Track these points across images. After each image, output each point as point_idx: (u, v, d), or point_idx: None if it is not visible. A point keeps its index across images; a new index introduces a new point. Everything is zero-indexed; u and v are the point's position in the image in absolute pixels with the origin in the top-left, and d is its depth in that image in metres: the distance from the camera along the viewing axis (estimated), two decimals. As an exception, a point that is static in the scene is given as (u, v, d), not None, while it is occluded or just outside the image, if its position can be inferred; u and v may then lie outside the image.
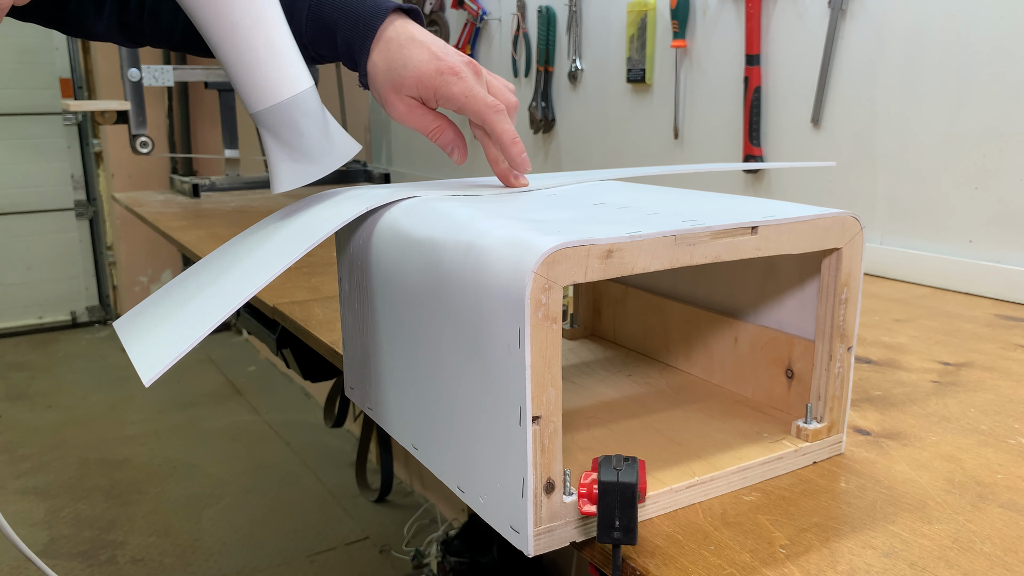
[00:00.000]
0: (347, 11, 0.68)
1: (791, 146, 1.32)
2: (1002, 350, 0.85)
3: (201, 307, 0.57)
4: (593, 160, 1.75)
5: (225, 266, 0.62)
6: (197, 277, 0.64)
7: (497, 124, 0.66)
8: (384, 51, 0.66)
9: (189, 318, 0.56)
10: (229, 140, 2.28)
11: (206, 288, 0.60)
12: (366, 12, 0.67)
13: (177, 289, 0.65)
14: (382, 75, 0.67)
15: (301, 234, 0.59)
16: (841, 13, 1.21)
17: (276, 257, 0.57)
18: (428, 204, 0.59)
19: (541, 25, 1.78)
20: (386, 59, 0.66)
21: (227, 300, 0.54)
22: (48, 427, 3.11)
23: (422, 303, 0.55)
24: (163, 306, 0.62)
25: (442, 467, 0.57)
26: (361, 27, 0.67)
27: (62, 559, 2.25)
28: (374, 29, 0.66)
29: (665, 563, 0.47)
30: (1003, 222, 1.06)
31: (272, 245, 0.61)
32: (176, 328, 0.55)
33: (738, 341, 0.68)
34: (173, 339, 0.54)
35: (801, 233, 0.55)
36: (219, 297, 0.56)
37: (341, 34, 0.68)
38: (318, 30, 0.69)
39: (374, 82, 0.68)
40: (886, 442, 0.63)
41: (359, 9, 0.67)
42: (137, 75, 2.06)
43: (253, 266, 0.59)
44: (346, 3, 0.68)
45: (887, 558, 0.47)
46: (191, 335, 0.52)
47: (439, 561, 1.89)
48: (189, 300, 0.60)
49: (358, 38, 0.67)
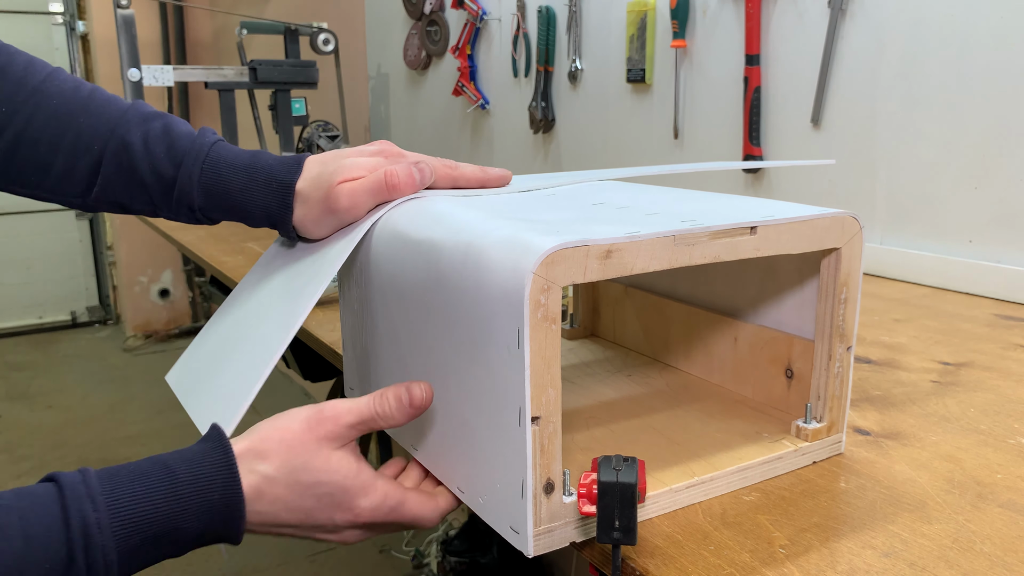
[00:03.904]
0: (254, 174, 0.63)
1: (791, 146, 1.32)
2: (1002, 350, 0.85)
3: (247, 358, 0.60)
4: (593, 160, 1.75)
5: (259, 307, 0.64)
6: (234, 319, 0.66)
7: (460, 178, 0.65)
8: (308, 201, 0.62)
9: (239, 371, 0.59)
10: (229, 140, 2.27)
11: (248, 335, 0.62)
12: (277, 171, 0.63)
13: (217, 336, 0.67)
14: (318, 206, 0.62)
15: (322, 263, 0.61)
16: (841, 13, 1.21)
17: (304, 294, 0.59)
18: (427, 205, 0.59)
19: (541, 25, 1.78)
20: (317, 202, 0.62)
21: (270, 349, 0.58)
22: (48, 427, 3.11)
23: (421, 304, 0.55)
24: (209, 358, 0.65)
25: (442, 468, 0.57)
26: (276, 187, 0.62)
27: (62, 559, 2.24)
28: (292, 185, 0.62)
29: (665, 563, 0.47)
30: (1003, 222, 1.06)
31: (298, 281, 0.62)
32: (229, 384, 0.59)
33: (738, 341, 0.68)
34: (230, 396, 0.57)
35: (800, 233, 0.55)
36: (262, 345, 0.59)
37: (254, 200, 0.63)
38: (211, 196, 0.64)
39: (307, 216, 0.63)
40: (886, 442, 0.63)
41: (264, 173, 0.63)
42: (137, 75, 2.06)
43: (285, 308, 0.61)
44: (245, 165, 0.64)
45: (887, 558, 0.47)
46: (246, 391, 0.56)
47: (439, 561, 1.89)
48: (234, 350, 0.62)
49: (276, 202, 0.63)
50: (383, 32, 2.49)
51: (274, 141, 2.36)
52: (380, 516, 0.53)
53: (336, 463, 0.51)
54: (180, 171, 0.63)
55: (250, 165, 0.63)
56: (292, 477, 0.50)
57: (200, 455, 0.48)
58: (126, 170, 0.64)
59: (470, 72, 2.08)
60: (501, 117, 2.03)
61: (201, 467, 0.48)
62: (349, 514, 0.52)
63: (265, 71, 2.25)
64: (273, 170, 0.63)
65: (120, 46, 2.02)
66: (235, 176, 0.63)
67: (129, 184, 0.65)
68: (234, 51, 3.12)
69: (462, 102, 2.14)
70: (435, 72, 2.27)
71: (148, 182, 0.64)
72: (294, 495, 0.50)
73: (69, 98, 0.65)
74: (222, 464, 0.48)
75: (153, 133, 0.64)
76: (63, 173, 0.65)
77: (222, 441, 0.49)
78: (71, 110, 0.64)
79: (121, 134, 0.64)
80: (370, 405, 0.53)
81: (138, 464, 0.47)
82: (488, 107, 2.06)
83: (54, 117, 0.64)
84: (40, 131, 0.64)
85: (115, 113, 0.65)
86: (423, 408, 0.53)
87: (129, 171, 0.64)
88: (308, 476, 0.50)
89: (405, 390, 0.53)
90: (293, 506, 0.50)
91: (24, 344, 4.24)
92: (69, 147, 0.64)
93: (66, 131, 0.64)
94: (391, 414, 0.53)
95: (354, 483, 0.52)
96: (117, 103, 0.66)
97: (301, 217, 0.63)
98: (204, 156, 0.64)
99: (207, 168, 0.63)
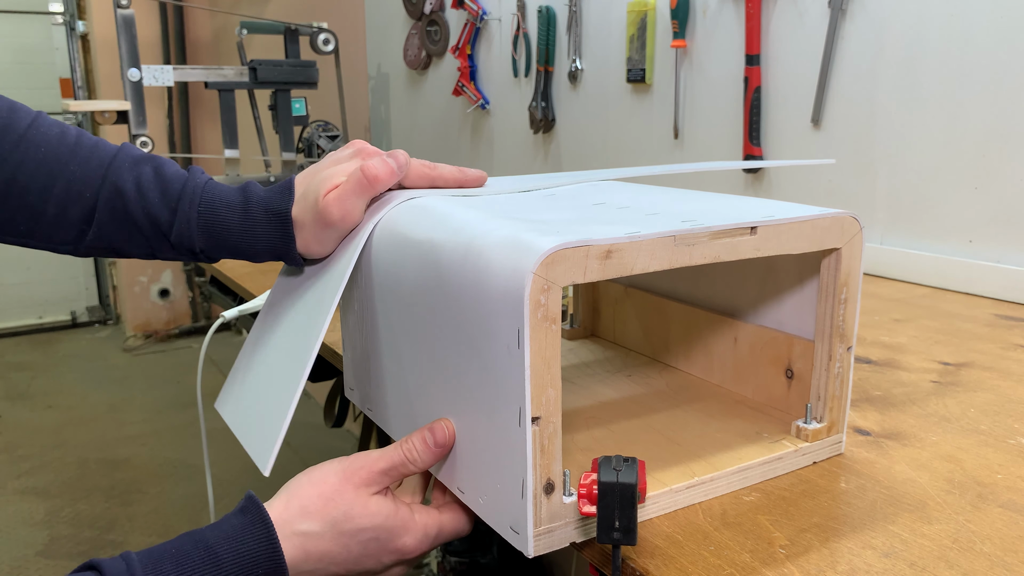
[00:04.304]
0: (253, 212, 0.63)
1: (791, 146, 1.32)
2: (1002, 350, 0.85)
3: (276, 387, 0.61)
4: (593, 160, 1.75)
5: (282, 332, 0.65)
6: (262, 345, 0.68)
7: (439, 178, 0.65)
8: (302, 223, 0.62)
9: (271, 400, 0.61)
10: (229, 140, 2.28)
11: (274, 362, 0.64)
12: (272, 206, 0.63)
13: (249, 363, 0.69)
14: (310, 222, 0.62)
15: (328, 283, 0.62)
16: (841, 13, 1.21)
17: (317, 318, 0.60)
18: (428, 205, 0.59)
19: (541, 25, 1.78)
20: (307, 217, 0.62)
21: (295, 378, 0.59)
22: (48, 427, 3.11)
23: (422, 304, 0.55)
24: (246, 386, 0.67)
25: (442, 468, 0.57)
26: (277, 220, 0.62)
27: (62, 559, 2.25)
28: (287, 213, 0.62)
29: (665, 563, 0.47)
30: (1003, 222, 1.06)
31: (311, 304, 0.63)
32: (264, 414, 0.61)
33: (738, 341, 0.68)
34: (267, 427, 0.60)
35: (800, 233, 0.55)
36: (287, 374, 0.60)
37: (256, 237, 0.63)
38: (212, 238, 0.64)
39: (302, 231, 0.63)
40: (886, 442, 0.63)
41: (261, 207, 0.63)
42: (137, 75, 2.06)
43: (302, 334, 0.62)
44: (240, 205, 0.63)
45: (887, 558, 0.47)
46: (279, 423, 0.58)
47: (439, 561, 1.89)
48: (264, 378, 0.64)
49: (278, 235, 0.63)
50: (383, 32, 2.49)
51: (274, 141, 2.36)
52: (425, 547, 0.54)
53: (375, 507, 0.52)
54: (177, 216, 0.63)
55: (245, 202, 0.63)
56: (335, 529, 0.51)
57: (240, 531, 0.49)
58: (120, 216, 0.64)
59: (470, 72, 2.08)
60: (501, 117, 2.03)
61: (243, 544, 0.48)
62: (396, 554, 0.53)
63: (265, 71, 2.25)
64: (268, 202, 0.63)
65: (120, 46, 2.02)
66: (232, 216, 0.63)
67: (124, 230, 0.64)
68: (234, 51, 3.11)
69: (462, 102, 2.14)
70: (435, 72, 2.27)
71: (143, 227, 0.64)
72: (339, 547, 0.51)
73: (56, 145, 0.64)
74: (263, 538, 0.49)
75: (145, 177, 0.64)
76: (54, 221, 0.64)
77: (260, 513, 0.50)
78: (60, 157, 0.64)
79: (113, 180, 0.63)
80: (398, 450, 0.54)
81: (179, 545, 0.48)
82: (488, 107, 2.06)
83: (43, 165, 0.63)
84: (30, 180, 0.63)
85: (104, 158, 0.64)
86: (448, 446, 0.54)
87: (123, 217, 0.64)
88: (350, 524, 0.51)
89: (428, 431, 0.54)
90: (339, 559, 0.51)
91: (24, 344, 4.24)
92: (60, 195, 0.63)
93: (56, 179, 0.63)
94: (418, 457, 0.54)
95: (395, 523, 0.53)
96: (105, 148, 0.65)
97: (303, 242, 0.63)
98: (199, 199, 0.63)
99: (204, 211, 0.63)
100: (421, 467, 0.54)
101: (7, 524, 2.43)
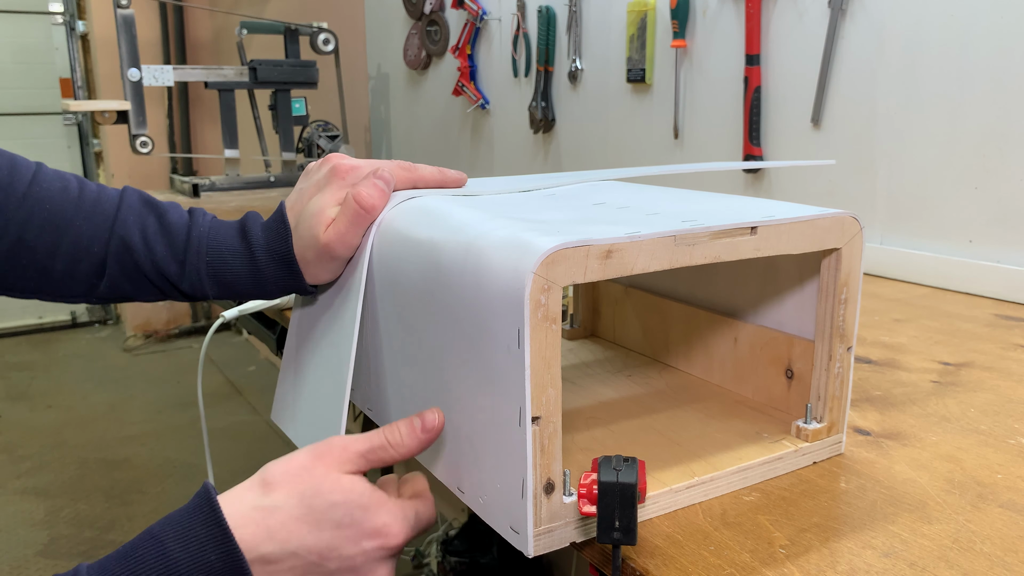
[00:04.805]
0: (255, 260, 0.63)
1: (791, 146, 1.32)
2: (1002, 350, 0.85)
3: (328, 393, 0.63)
4: (593, 160, 1.75)
5: (316, 342, 0.67)
6: (301, 354, 0.70)
7: (419, 179, 0.65)
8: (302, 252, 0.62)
9: (327, 404, 0.63)
10: (229, 140, 2.28)
11: (316, 368, 0.66)
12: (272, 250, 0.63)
13: (293, 372, 0.71)
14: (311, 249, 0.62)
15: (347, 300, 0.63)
16: (841, 13, 1.21)
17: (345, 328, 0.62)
18: (428, 205, 0.59)
19: (541, 25, 1.78)
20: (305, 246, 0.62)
21: (341, 380, 0.61)
22: (48, 427, 3.11)
23: (422, 304, 0.55)
24: (301, 393, 0.69)
25: (442, 467, 0.56)
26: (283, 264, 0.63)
27: (62, 559, 2.25)
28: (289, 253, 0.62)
29: (665, 563, 0.47)
30: (1003, 222, 1.06)
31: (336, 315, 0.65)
32: (322, 418, 0.64)
33: (738, 341, 0.68)
34: (324, 433, 0.62)
35: (800, 233, 0.55)
36: (334, 379, 0.63)
37: (266, 279, 0.64)
38: (222, 287, 0.65)
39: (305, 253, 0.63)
40: (886, 442, 0.63)
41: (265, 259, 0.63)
42: (137, 75, 2.06)
43: (335, 347, 0.64)
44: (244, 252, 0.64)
45: (887, 558, 0.47)
46: (335, 421, 0.60)
47: (439, 561, 1.89)
48: (319, 384, 0.66)
49: (285, 274, 0.63)
50: (383, 32, 2.49)
51: (274, 141, 2.36)
52: (406, 531, 0.49)
53: (348, 483, 0.48)
54: (186, 268, 0.64)
55: (248, 247, 0.63)
56: (303, 504, 0.46)
57: (187, 515, 0.45)
58: (130, 269, 0.64)
59: (470, 72, 2.08)
60: (501, 117, 2.03)
61: (190, 529, 0.44)
62: (377, 537, 0.48)
63: (265, 71, 2.25)
64: (269, 244, 0.63)
65: (120, 46, 2.02)
66: (240, 264, 0.63)
67: (135, 281, 0.65)
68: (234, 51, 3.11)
69: (462, 102, 2.14)
70: (435, 72, 2.27)
71: (154, 279, 0.64)
72: (308, 526, 0.46)
73: (60, 200, 0.64)
74: (211, 521, 0.44)
75: (151, 229, 0.64)
76: (64, 276, 0.65)
77: (208, 496, 0.46)
78: (65, 213, 0.63)
79: (120, 234, 0.64)
80: (380, 434, 0.51)
81: (131, 542, 0.45)
82: (488, 107, 2.06)
83: (49, 223, 0.63)
84: (37, 238, 0.63)
85: (109, 211, 0.64)
86: (435, 432, 0.52)
87: (133, 269, 0.64)
88: (320, 500, 0.46)
89: (417, 417, 0.52)
90: (310, 540, 0.46)
91: (24, 344, 4.24)
92: (68, 251, 0.63)
93: (63, 236, 0.63)
94: (402, 440, 0.51)
95: (371, 500, 0.48)
96: (107, 198, 0.65)
97: (312, 275, 0.63)
98: (205, 249, 0.64)
99: (212, 260, 0.63)
100: (403, 452, 0.51)
101: (7, 524, 2.43)
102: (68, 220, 0.63)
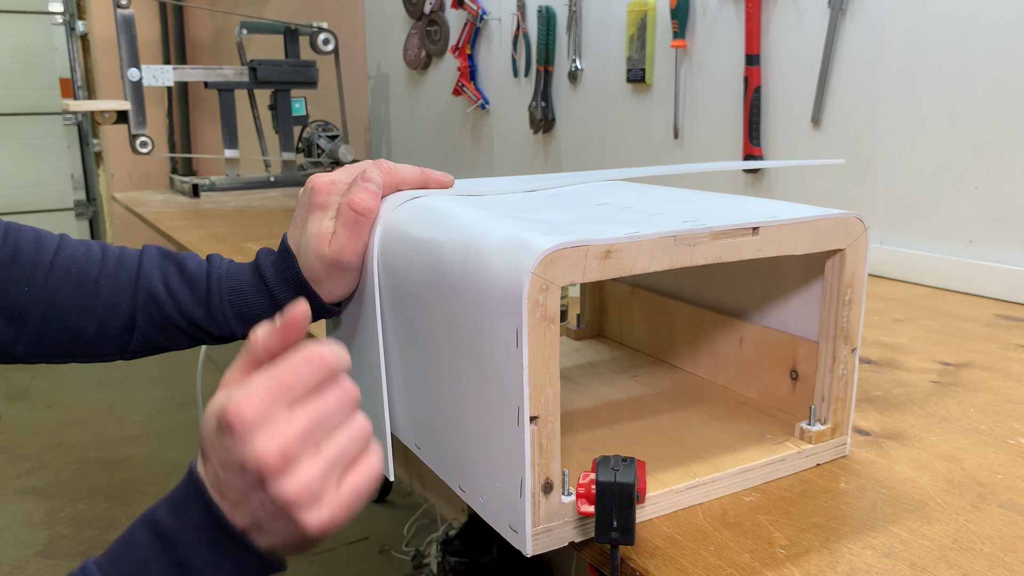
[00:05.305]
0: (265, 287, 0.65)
1: (791, 146, 1.32)
2: (1002, 350, 0.85)
3: (370, 405, 0.64)
4: (593, 160, 1.75)
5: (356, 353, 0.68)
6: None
7: (402, 182, 0.65)
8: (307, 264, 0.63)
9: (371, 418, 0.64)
10: (229, 140, 2.28)
11: (362, 384, 0.66)
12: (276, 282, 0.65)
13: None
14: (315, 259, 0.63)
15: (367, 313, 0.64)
16: (841, 13, 1.21)
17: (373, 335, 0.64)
18: (430, 205, 0.59)
19: (541, 25, 1.78)
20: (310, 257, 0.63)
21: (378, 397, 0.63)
22: (48, 427, 3.11)
23: (423, 303, 0.55)
24: None
25: (443, 467, 0.56)
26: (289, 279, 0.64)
27: (62, 559, 2.25)
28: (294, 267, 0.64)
29: (664, 563, 0.47)
30: (1003, 222, 1.06)
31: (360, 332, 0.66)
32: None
33: (743, 342, 0.68)
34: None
35: (803, 234, 0.54)
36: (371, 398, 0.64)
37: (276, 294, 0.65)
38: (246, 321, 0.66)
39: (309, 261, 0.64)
40: (886, 442, 0.63)
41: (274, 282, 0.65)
42: (137, 75, 2.06)
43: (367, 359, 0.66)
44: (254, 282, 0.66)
45: (887, 558, 0.47)
46: (381, 433, 0.61)
47: (439, 561, 1.89)
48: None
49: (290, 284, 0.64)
50: (383, 32, 2.49)
51: (274, 141, 2.36)
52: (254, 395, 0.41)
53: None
54: (211, 309, 0.66)
55: (263, 282, 0.65)
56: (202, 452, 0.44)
57: (175, 490, 0.45)
58: (158, 319, 0.66)
59: (470, 72, 2.08)
60: (501, 117, 2.03)
61: (177, 498, 0.44)
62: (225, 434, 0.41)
63: (265, 71, 2.25)
64: (283, 274, 0.65)
65: (120, 46, 2.02)
66: (262, 299, 0.66)
67: (164, 330, 0.67)
68: (234, 51, 3.11)
69: (462, 102, 2.14)
70: (435, 72, 2.27)
71: (182, 326, 0.66)
72: (211, 472, 0.43)
73: (84, 264, 0.66)
74: (190, 482, 0.44)
75: (172, 278, 0.66)
76: (97, 336, 0.67)
77: (190, 469, 0.45)
78: (90, 274, 0.66)
79: (145, 287, 0.66)
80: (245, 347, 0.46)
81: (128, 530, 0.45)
82: (488, 107, 2.06)
83: (77, 287, 0.66)
84: (67, 303, 0.65)
85: (132, 267, 0.67)
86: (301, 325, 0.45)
87: (161, 319, 0.66)
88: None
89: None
90: (217, 483, 0.43)
91: (24, 344, 4.24)
92: (98, 311, 0.66)
93: (92, 297, 0.66)
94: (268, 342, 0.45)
95: (212, 405, 0.42)
96: (129, 256, 0.68)
97: (328, 293, 0.64)
98: (227, 290, 0.66)
99: (234, 299, 0.66)
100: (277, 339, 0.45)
101: (7, 524, 2.43)
102: (95, 281, 0.66)
